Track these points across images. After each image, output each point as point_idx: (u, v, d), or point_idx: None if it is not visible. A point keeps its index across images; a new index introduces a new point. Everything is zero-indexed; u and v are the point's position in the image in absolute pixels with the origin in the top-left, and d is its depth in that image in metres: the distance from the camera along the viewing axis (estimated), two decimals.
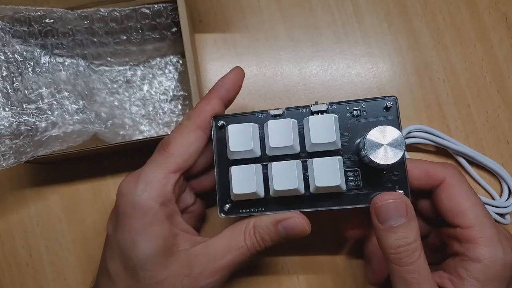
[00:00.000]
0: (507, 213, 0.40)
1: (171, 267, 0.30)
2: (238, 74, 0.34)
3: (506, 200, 0.41)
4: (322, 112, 0.32)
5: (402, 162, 0.30)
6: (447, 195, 0.31)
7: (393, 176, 0.31)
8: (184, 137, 0.32)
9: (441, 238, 0.33)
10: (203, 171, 0.36)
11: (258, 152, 0.32)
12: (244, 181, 0.31)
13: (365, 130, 0.30)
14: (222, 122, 0.33)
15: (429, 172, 0.32)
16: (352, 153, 0.31)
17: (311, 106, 0.32)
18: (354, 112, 0.32)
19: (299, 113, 0.32)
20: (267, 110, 0.33)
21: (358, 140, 0.31)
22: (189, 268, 0.30)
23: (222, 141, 0.33)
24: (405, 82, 0.44)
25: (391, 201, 0.28)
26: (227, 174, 0.32)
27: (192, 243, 0.32)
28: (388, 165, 0.28)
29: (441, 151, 0.42)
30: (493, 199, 0.41)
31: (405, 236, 0.28)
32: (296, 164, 0.31)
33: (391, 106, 0.31)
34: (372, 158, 0.28)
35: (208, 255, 0.31)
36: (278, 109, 0.32)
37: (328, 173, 0.30)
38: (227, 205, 0.32)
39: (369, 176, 0.31)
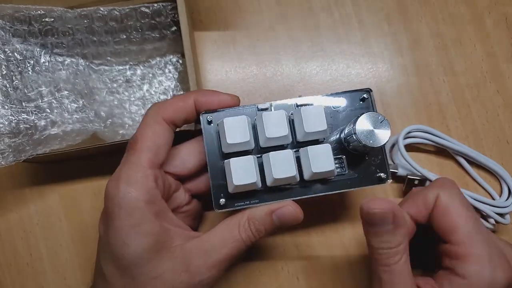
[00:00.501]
0: (507, 213, 0.40)
1: (166, 263, 0.30)
2: (230, 101, 0.34)
3: (506, 200, 0.41)
4: (307, 105, 0.33)
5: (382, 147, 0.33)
6: (440, 212, 0.32)
7: (373, 161, 0.33)
8: (151, 130, 0.32)
9: (437, 252, 0.33)
10: (197, 173, 0.36)
11: (253, 144, 0.32)
12: (244, 172, 0.31)
13: (345, 120, 0.34)
14: (210, 117, 0.33)
15: (424, 201, 0.33)
16: (335, 142, 0.33)
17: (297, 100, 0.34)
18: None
19: (286, 106, 0.34)
20: (254, 104, 0.34)
21: (341, 128, 0.33)
22: (186, 264, 0.31)
23: (212, 136, 0.33)
24: (405, 82, 0.44)
25: (378, 210, 0.29)
26: (219, 169, 0.33)
27: (186, 238, 0.32)
28: (380, 146, 0.30)
29: (441, 151, 0.42)
30: (493, 199, 0.41)
31: (388, 241, 0.29)
32: (292, 153, 0.32)
33: (367, 98, 0.34)
34: (366, 143, 0.30)
35: (204, 249, 0.31)
36: (265, 103, 0.34)
37: (323, 159, 0.31)
38: (222, 200, 0.33)
39: (352, 162, 0.33)
